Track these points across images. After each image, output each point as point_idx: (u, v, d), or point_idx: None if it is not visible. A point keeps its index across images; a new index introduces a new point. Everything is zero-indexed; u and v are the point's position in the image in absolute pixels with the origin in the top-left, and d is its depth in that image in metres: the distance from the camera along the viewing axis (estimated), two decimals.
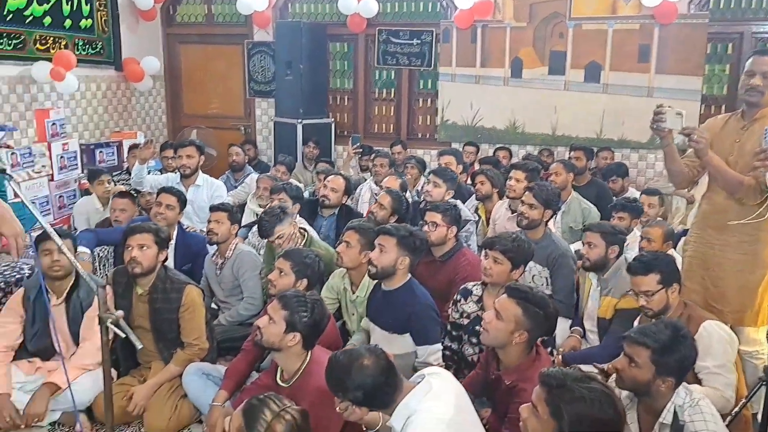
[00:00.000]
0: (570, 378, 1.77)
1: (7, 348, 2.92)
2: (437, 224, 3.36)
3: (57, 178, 5.26)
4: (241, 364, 2.92)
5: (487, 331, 2.34)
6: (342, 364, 1.98)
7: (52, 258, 2.91)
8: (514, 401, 2.25)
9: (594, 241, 3.18)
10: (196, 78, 7.63)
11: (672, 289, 2.67)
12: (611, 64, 6.28)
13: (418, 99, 7.09)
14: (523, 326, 2.29)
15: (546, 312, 2.34)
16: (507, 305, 2.32)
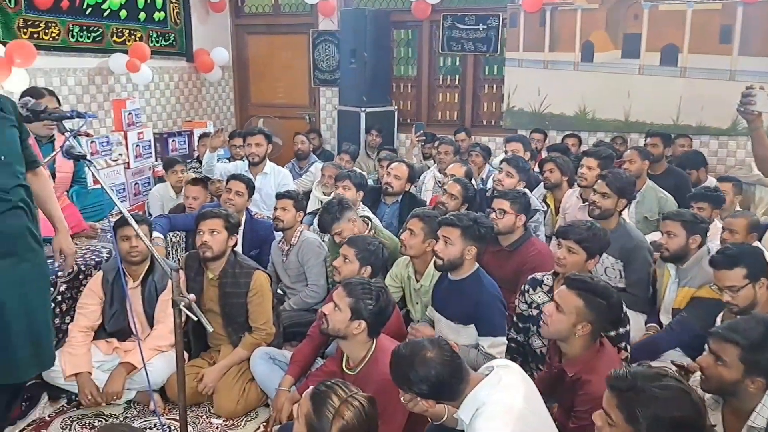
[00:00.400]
0: (640, 378, 1.67)
1: (87, 328, 3.05)
2: (505, 212, 3.28)
3: (133, 166, 5.49)
4: (306, 350, 2.95)
5: (548, 324, 2.27)
6: (405, 357, 1.95)
7: (130, 243, 3.01)
8: (578, 394, 2.19)
9: (674, 231, 3.02)
10: (262, 68, 7.76)
11: (760, 284, 2.51)
12: (690, 46, 5.95)
13: (484, 85, 6.96)
14: (586, 318, 2.21)
15: (609, 302, 2.24)
16: (567, 297, 2.24)
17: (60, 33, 5.38)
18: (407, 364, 1.94)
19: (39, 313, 2.36)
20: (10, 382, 2.29)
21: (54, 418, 2.92)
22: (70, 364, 2.89)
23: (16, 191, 2.24)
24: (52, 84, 5.28)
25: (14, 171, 2.23)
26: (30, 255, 2.31)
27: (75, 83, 5.55)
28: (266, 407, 3.01)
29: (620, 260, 3.32)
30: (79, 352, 2.95)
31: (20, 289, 2.26)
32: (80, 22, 5.54)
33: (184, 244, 3.99)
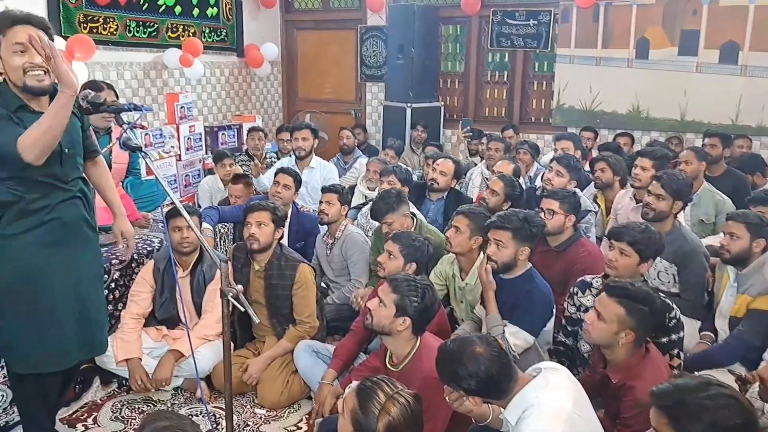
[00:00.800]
0: (685, 390, 1.60)
1: (139, 315, 3.14)
2: (554, 212, 3.21)
3: (184, 158, 5.61)
4: (349, 344, 2.96)
5: (589, 332, 2.22)
6: (453, 353, 1.93)
7: (181, 234, 3.07)
8: (623, 401, 2.14)
9: (737, 232, 2.89)
10: (310, 63, 7.82)
11: None
12: (751, 43, 5.70)
13: (533, 82, 6.84)
14: (628, 325, 2.15)
15: (651, 309, 2.17)
16: (608, 305, 2.18)
17: (118, 28, 5.55)
18: (455, 360, 1.91)
19: (92, 300, 2.43)
20: (62, 368, 2.37)
21: (105, 401, 3.01)
22: (121, 350, 2.97)
23: (75, 182, 2.31)
24: (109, 77, 5.45)
25: (75, 162, 2.31)
26: (85, 243, 2.38)
27: (131, 77, 5.71)
28: (309, 400, 3.04)
29: (675, 264, 3.21)
30: (131, 338, 3.04)
31: (74, 276, 2.33)
32: (137, 17, 5.70)
33: (232, 236, 4.05)
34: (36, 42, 1.98)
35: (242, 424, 2.86)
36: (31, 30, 2.07)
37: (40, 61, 2.06)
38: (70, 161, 2.26)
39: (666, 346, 2.44)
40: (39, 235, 2.22)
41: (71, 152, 2.26)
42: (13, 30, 2.07)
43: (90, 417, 2.88)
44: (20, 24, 2.08)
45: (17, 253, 2.20)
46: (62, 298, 2.30)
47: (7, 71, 2.10)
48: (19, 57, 2.07)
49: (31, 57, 2.08)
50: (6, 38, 2.07)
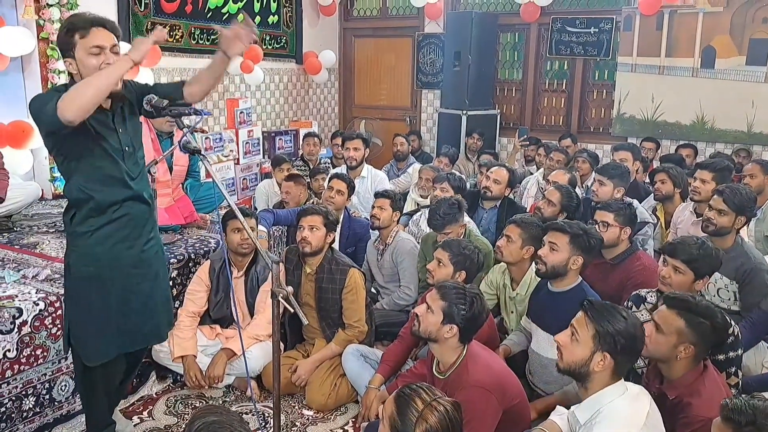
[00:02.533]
0: (760, 413, 1.54)
1: (195, 314, 3.24)
2: (609, 224, 3.14)
3: (242, 162, 5.77)
4: (397, 350, 2.97)
5: (647, 345, 2.14)
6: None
7: (242, 236, 3.14)
8: (679, 417, 2.06)
9: None
10: (367, 70, 7.92)
11: None
12: None
13: (592, 90, 6.71)
14: (688, 339, 2.07)
15: (713, 323, 2.09)
16: (667, 317, 2.11)
17: (183, 35, 5.76)
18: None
19: (159, 291, 2.53)
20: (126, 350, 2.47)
21: (160, 396, 3.12)
22: (178, 347, 3.08)
23: (140, 180, 2.41)
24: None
25: (136, 159, 2.40)
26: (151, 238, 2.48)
27: None
28: (356, 403, 3.07)
29: (735, 281, 3.08)
30: (186, 335, 3.14)
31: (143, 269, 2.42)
32: (201, 25, 5.90)
33: (286, 239, 4.14)
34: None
35: (290, 424, 2.92)
36: (105, 33, 2.17)
37: (113, 61, 2.16)
38: (131, 158, 2.36)
39: (723, 364, 2.35)
40: (109, 231, 2.31)
41: (130, 150, 2.36)
42: (91, 33, 2.16)
43: (145, 410, 2.99)
44: (96, 27, 2.17)
45: (90, 249, 2.30)
46: (131, 290, 2.39)
47: (82, 70, 2.19)
48: (95, 58, 2.16)
49: (106, 58, 2.17)
50: (83, 40, 2.16)
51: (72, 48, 2.17)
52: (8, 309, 2.60)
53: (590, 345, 1.94)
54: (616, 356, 1.92)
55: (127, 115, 2.36)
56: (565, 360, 2.00)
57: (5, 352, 2.57)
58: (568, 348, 1.99)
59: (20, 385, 2.65)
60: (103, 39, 2.17)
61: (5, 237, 3.65)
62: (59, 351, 2.76)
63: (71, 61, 2.19)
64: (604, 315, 1.95)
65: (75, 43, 2.16)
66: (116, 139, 2.29)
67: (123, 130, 2.32)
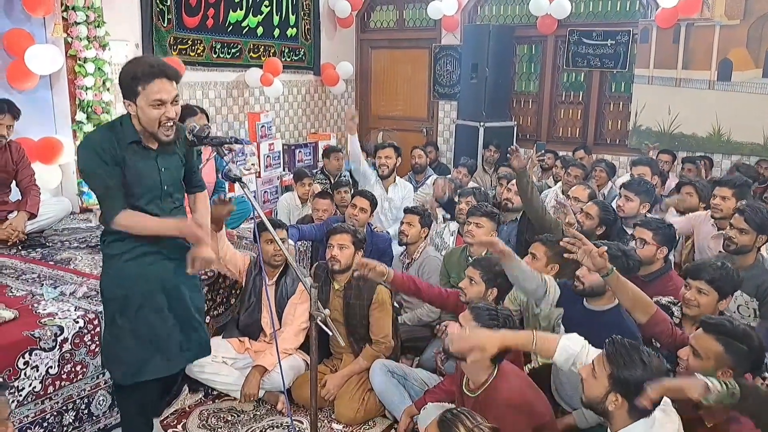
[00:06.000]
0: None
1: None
2: (646, 242, 3.17)
3: (263, 175, 5.86)
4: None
5: (686, 370, 2.18)
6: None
7: (275, 247, 3.25)
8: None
9: None
10: (384, 81, 8.00)
11: None
12: None
13: (609, 102, 6.75)
14: (726, 363, 2.10)
15: (751, 347, 2.11)
16: (705, 341, 2.13)
17: (204, 50, 5.87)
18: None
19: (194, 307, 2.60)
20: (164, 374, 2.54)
21: (193, 409, 3.20)
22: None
23: (174, 212, 2.47)
24: (195, 96, 5.77)
25: (173, 198, 2.48)
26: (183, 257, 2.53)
27: (215, 96, 6.02)
28: (384, 417, 3.13)
29: (756, 299, 3.12)
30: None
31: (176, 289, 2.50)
32: (222, 39, 6.01)
33: (310, 254, 4.21)
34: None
35: None
36: (167, 85, 2.22)
37: (174, 115, 2.24)
38: (169, 198, 2.45)
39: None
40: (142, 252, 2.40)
41: (169, 190, 2.44)
42: (155, 84, 2.19)
43: (180, 423, 3.06)
44: (160, 78, 2.20)
45: (120, 271, 2.39)
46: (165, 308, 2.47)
47: (141, 116, 2.24)
48: (156, 110, 2.21)
49: (167, 111, 2.24)
50: (146, 91, 2.19)
51: (135, 95, 2.21)
52: (50, 327, 2.69)
53: (606, 384, 1.94)
54: (631, 400, 1.91)
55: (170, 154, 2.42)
56: (586, 393, 2.02)
57: (47, 368, 2.65)
58: (588, 382, 2.01)
59: (61, 401, 2.73)
60: (166, 92, 2.21)
61: (39, 252, 3.74)
62: (97, 367, 2.84)
63: (131, 104, 2.24)
64: (622, 358, 1.93)
65: (138, 92, 2.20)
66: (157, 179, 2.36)
67: (165, 169, 2.39)
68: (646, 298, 2.41)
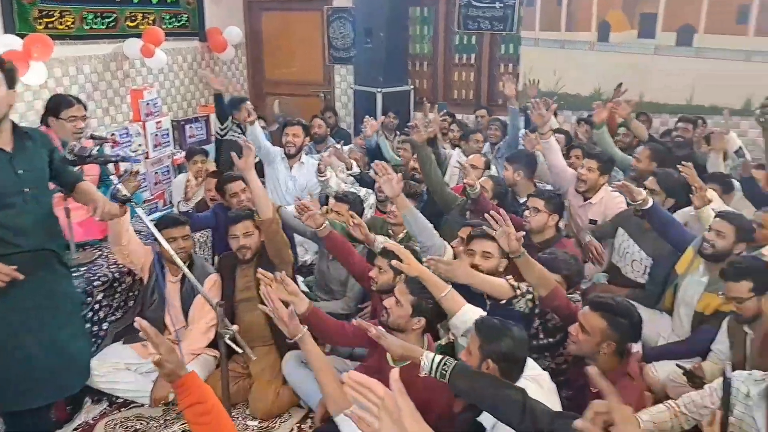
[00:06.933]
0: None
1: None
2: (539, 210, 3.38)
3: (152, 156, 5.54)
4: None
5: (575, 344, 2.39)
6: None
7: (177, 245, 3.14)
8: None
9: (724, 231, 3.01)
10: (276, 45, 7.71)
11: (767, 298, 2.58)
12: (706, 26, 5.89)
13: (500, 64, 6.90)
14: (610, 338, 2.33)
15: (632, 321, 2.36)
16: (591, 319, 2.35)
17: (75, 21, 5.37)
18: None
19: (69, 335, 2.51)
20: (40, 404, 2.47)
21: (98, 420, 3.07)
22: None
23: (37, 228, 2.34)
24: (68, 73, 5.31)
25: (39, 200, 2.35)
26: (56, 278, 2.44)
27: (90, 71, 5.55)
28: (299, 407, 3.17)
29: (651, 258, 3.46)
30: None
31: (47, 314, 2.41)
32: (94, 8, 5.51)
33: (211, 243, 4.08)
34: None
35: None
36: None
37: None
38: (33, 200, 2.32)
39: None
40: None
41: (33, 192, 2.32)
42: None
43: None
44: None
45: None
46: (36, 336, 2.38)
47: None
48: None
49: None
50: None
51: None
52: None
53: (479, 355, 2.15)
54: (501, 365, 2.14)
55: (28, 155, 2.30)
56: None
57: None
58: (467, 359, 2.18)
59: None
60: None
61: None
62: None
63: None
64: (489, 330, 2.17)
65: None
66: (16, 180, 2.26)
67: (24, 171, 2.28)
68: (548, 275, 2.59)
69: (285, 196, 4.57)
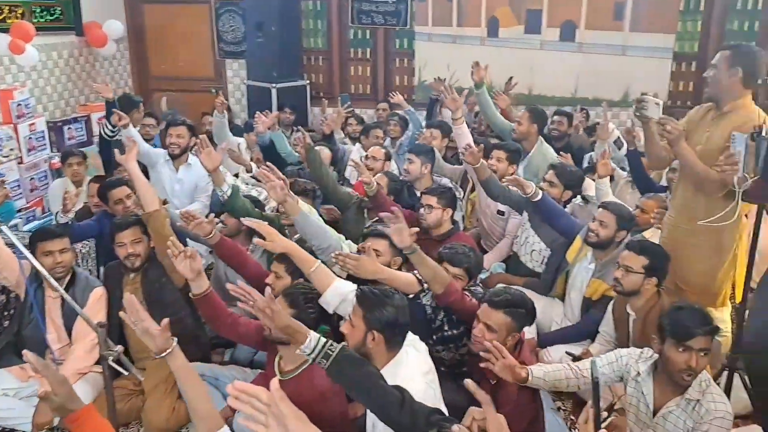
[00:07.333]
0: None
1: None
2: (433, 207, 3.42)
3: (26, 161, 5.10)
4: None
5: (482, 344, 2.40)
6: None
7: (54, 259, 2.92)
8: (499, 395, 2.37)
9: (607, 221, 3.20)
10: (162, 40, 7.33)
11: (650, 280, 2.78)
12: (586, 22, 6.24)
13: (395, 59, 6.95)
14: (514, 329, 2.41)
15: (527, 308, 2.46)
16: (495, 317, 2.40)
17: None
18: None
19: None
20: None
21: None
22: None
23: None
24: None
25: None
26: None
27: None
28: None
29: (550, 249, 3.61)
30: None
31: None
32: None
33: (95, 254, 3.81)
34: None
35: None
36: None
37: None
38: None
39: None
40: None
41: None
42: None
43: None
44: None
45: None
46: None
47: None
48: None
49: None
50: None
51: None
52: None
53: (363, 327, 2.14)
54: (386, 334, 2.14)
55: None
56: (351, 344, 2.17)
57: None
58: (350, 334, 2.18)
59: None
60: None
61: None
62: None
63: None
64: (371, 299, 2.16)
65: None
66: None
67: None
68: (442, 271, 2.61)
69: (171, 199, 4.34)
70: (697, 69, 6.12)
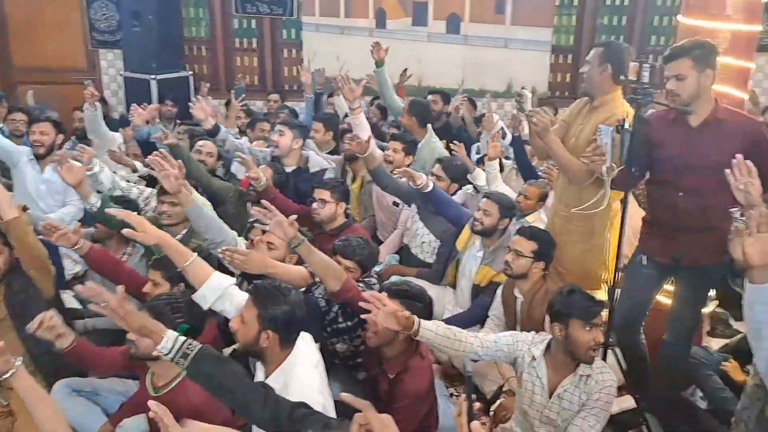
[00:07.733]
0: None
1: None
2: (326, 201, 3.37)
3: None
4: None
5: (376, 335, 2.40)
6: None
7: None
8: (396, 393, 2.38)
9: (490, 210, 3.32)
10: (26, 28, 6.75)
11: (537, 264, 2.91)
12: (470, 15, 6.40)
13: (283, 49, 6.80)
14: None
15: (424, 302, 2.50)
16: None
17: None
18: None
19: None
20: None
21: None
22: None
23: None
24: None
25: None
26: None
27: None
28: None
29: (439, 240, 3.67)
30: None
31: None
32: None
33: None
34: None
35: None
36: None
37: None
38: None
39: None
40: None
41: None
42: None
43: None
44: None
45: None
46: None
47: None
48: None
49: None
50: None
51: None
52: None
53: (256, 326, 2.05)
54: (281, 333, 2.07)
55: None
56: (241, 341, 2.09)
57: None
58: (240, 330, 2.09)
59: None
60: None
61: None
62: None
63: None
64: (266, 297, 2.07)
65: None
66: None
67: None
68: (336, 266, 2.52)
69: (37, 201, 3.98)
70: (573, 61, 6.47)
